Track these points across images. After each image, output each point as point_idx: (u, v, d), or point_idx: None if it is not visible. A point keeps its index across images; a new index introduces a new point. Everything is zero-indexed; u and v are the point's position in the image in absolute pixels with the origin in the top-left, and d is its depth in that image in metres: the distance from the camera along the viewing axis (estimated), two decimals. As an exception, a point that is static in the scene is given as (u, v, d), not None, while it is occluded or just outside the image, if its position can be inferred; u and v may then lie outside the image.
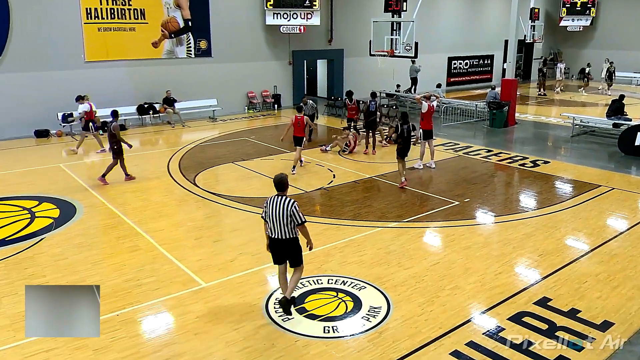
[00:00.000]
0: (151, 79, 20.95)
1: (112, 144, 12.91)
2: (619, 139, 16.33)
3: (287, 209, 6.65)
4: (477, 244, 9.33)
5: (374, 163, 15.03)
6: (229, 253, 8.95)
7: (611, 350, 6.31)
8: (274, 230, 6.76)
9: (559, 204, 11.48)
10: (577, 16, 36.33)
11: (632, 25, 34.53)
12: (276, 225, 6.72)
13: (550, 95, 29.33)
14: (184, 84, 21.68)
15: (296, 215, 6.67)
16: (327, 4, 25.56)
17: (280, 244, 6.82)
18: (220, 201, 11.68)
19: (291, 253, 6.92)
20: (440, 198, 11.89)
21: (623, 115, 18.37)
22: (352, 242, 9.43)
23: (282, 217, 6.67)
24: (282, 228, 6.71)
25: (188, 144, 17.30)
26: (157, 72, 21.11)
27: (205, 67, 22.37)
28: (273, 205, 6.72)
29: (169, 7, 21.07)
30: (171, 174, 13.78)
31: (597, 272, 8.25)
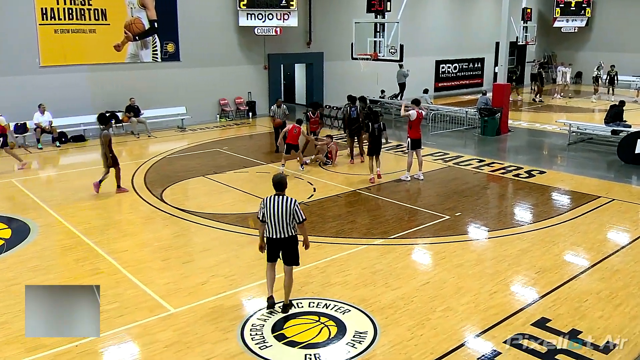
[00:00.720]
0: (113, 85, 20.78)
1: (104, 154, 13.07)
2: (618, 146, 16.62)
3: (289, 208, 7.29)
4: (470, 262, 9.38)
5: (358, 175, 15.06)
6: (199, 275, 8.87)
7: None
8: (276, 230, 7.36)
9: (557, 217, 11.61)
10: (571, 17, 37.08)
11: (630, 25, 35.31)
12: (279, 225, 7.33)
13: (546, 101, 29.82)
14: (150, 91, 21.57)
15: (298, 213, 7.35)
16: (305, 4, 25.73)
17: (280, 242, 7.44)
18: (189, 218, 11.58)
19: (290, 250, 7.54)
20: (430, 212, 11.95)
21: (622, 121, 18.71)
22: (335, 261, 9.41)
23: (284, 216, 7.29)
24: (283, 227, 7.33)
25: (154, 156, 17.17)
26: (120, 77, 20.96)
27: (173, 72, 22.29)
28: (273, 204, 7.32)
29: (133, 7, 21.00)
30: (136, 190, 13.65)
31: (598, 289, 8.33)
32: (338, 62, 26.48)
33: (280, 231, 7.36)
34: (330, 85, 27.15)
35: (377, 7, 18.79)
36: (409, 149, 14.42)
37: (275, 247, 7.53)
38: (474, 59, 35.38)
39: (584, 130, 19.53)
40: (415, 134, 14.34)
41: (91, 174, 15.20)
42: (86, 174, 15.12)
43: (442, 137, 20.20)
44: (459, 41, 33.78)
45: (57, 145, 18.77)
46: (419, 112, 14.41)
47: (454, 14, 33.30)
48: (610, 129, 18.12)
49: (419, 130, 14.45)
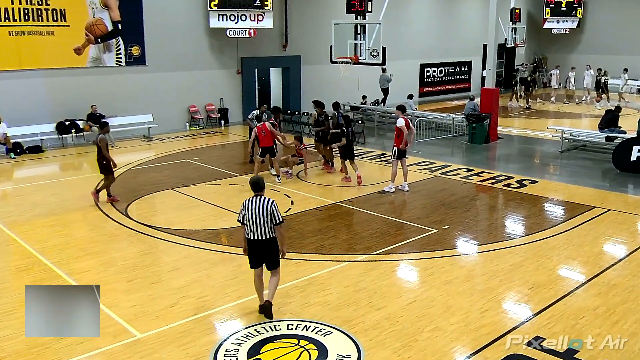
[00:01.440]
0: (73, 91, 20.61)
1: (99, 159, 13.28)
2: (613, 153, 16.87)
3: (267, 208, 7.74)
4: (459, 278, 9.42)
5: (339, 187, 15.08)
6: (168, 297, 8.78)
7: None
8: (254, 232, 7.79)
9: (550, 229, 11.73)
10: (562, 17, 37.70)
11: (623, 26, 35.98)
12: (256, 226, 7.76)
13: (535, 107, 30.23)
14: (113, 97, 21.42)
15: (275, 213, 7.78)
16: (280, 5, 25.83)
17: (261, 244, 7.86)
18: (157, 235, 11.48)
19: (270, 254, 7.96)
20: (416, 225, 12.00)
21: (617, 127, 19.00)
22: (315, 279, 9.38)
23: (262, 216, 7.73)
24: (262, 228, 7.76)
25: (118, 168, 16.98)
26: (81, 83, 20.79)
27: (139, 77, 22.18)
28: (252, 205, 7.77)
29: (95, 8, 20.88)
30: (98, 205, 13.50)
31: (595, 305, 8.42)
32: (316, 66, 26.60)
33: (260, 232, 7.79)
34: (308, 91, 27.20)
35: (358, 7, 18.92)
36: (395, 158, 14.48)
37: (256, 250, 7.92)
38: (461, 62, 35.78)
39: (577, 136, 19.82)
40: (405, 143, 14.33)
41: (49, 187, 15.05)
42: (44, 187, 14.94)
43: (427, 146, 20.34)
44: (445, 43, 34.15)
45: (12, 157, 18.52)
46: (406, 118, 14.45)
47: (439, 14, 33.69)
48: (604, 135, 18.39)
49: (402, 141, 14.39)
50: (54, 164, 18.25)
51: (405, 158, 14.67)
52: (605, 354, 7.14)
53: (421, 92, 33.51)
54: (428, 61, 33.67)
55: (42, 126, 19.76)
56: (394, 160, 14.49)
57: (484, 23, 24.24)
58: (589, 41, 37.84)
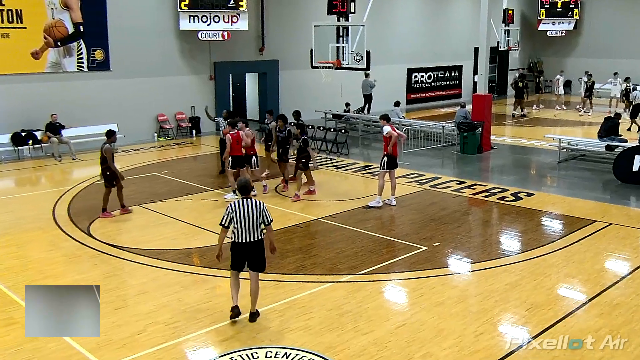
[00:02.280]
0: (31, 99, 20.46)
1: (103, 170, 13.58)
2: (614, 164, 17.05)
3: (259, 209, 8.40)
4: (452, 299, 9.43)
5: (321, 201, 15.08)
6: (135, 323, 8.69)
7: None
8: (244, 234, 8.36)
9: (548, 245, 11.80)
10: (558, 19, 38.20)
11: (624, 27, 36.56)
12: (247, 228, 8.35)
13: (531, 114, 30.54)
14: (75, 106, 21.28)
15: (267, 214, 8.50)
16: (257, 5, 25.92)
17: (248, 247, 8.42)
18: (123, 256, 11.38)
19: (258, 255, 8.53)
20: (404, 243, 12.01)
21: (617, 135, 19.21)
22: (296, 302, 9.34)
23: (253, 219, 8.35)
24: (253, 230, 8.38)
25: (80, 183, 16.88)
26: (39, 90, 20.65)
27: (102, 83, 22.08)
28: (243, 208, 8.33)
29: (54, 8, 20.79)
30: (58, 223, 13.37)
31: (597, 327, 8.47)
32: (295, 71, 26.67)
33: (251, 235, 8.39)
34: (287, 98, 27.23)
35: (340, 8, 18.98)
36: (384, 169, 14.44)
37: (242, 253, 8.48)
38: (451, 66, 36.11)
39: (575, 146, 20.02)
40: (395, 152, 14.39)
41: (4, 204, 14.89)
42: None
43: (416, 156, 20.44)
44: (434, 47, 34.45)
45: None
46: (393, 126, 14.46)
47: (427, 16, 34.00)
48: (604, 144, 18.59)
49: (395, 147, 14.46)
50: (9, 178, 18.04)
51: (394, 169, 14.71)
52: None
53: (408, 98, 33.73)
54: (416, 66, 33.93)
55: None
56: (382, 171, 14.51)
57: (475, 25, 24.50)
58: (587, 44, 38.36)
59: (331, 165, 19.09)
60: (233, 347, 7.81)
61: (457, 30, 35.22)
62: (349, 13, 18.93)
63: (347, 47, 18.77)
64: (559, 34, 38.55)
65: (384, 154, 14.41)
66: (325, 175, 18.06)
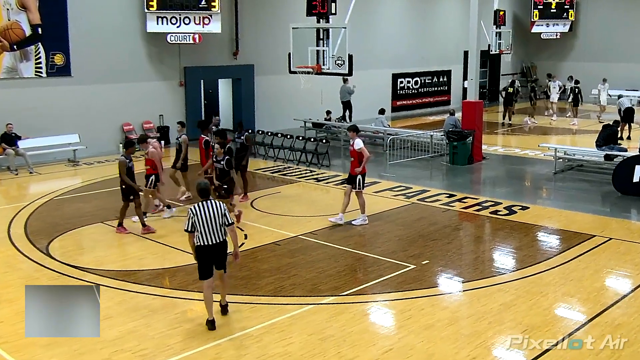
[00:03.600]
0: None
1: (120, 184, 13.74)
2: (613, 174, 17.18)
3: (220, 210, 9.06)
4: (442, 321, 9.44)
5: (300, 217, 15.06)
6: (99, 351, 8.62)
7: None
8: (209, 236, 8.99)
9: (544, 262, 11.86)
10: (552, 20, 38.61)
11: (621, 29, 37.12)
12: (210, 230, 8.98)
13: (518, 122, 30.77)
14: (32, 114, 21.13)
15: (228, 215, 9.15)
16: (230, 6, 25.96)
17: (214, 248, 9.07)
18: (85, 277, 11.27)
19: (222, 256, 9.25)
20: (390, 261, 12.02)
21: (616, 144, 19.40)
22: (274, 326, 9.31)
23: (216, 219, 9.00)
24: (216, 230, 9.02)
25: (38, 198, 16.75)
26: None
27: (63, 90, 21.97)
28: (204, 210, 8.99)
29: (10, 9, 20.68)
30: (13, 242, 13.25)
31: (599, 349, 8.52)
32: (272, 76, 26.73)
33: (215, 235, 9.03)
34: (263, 105, 27.28)
35: (320, 9, 19.03)
36: (361, 188, 14.16)
37: (209, 256, 9.10)
38: (439, 71, 36.35)
39: (572, 155, 20.19)
40: (365, 169, 14.24)
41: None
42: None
43: (402, 168, 20.50)
44: (421, 50, 34.67)
45: None
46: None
47: (413, 17, 34.24)
48: (603, 153, 18.76)
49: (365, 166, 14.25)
50: (-40, 194, 17.88)
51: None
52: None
53: (394, 105, 33.89)
54: (401, 70, 34.11)
55: (-55, 149, 19.41)
56: (360, 190, 14.15)
57: (464, 27, 24.73)
58: (583, 47, 38.79)
59: (311, 177, 19.09)
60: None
61: (446, 33, 35.50)
62: (330, 14, 18.98)
63: (328, 51, 18.81)
64: (554, 37, 38.94)
65: (358, 173, 13.97)
66: (305, 188, 18.06)
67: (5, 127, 20.17)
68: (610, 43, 37.28)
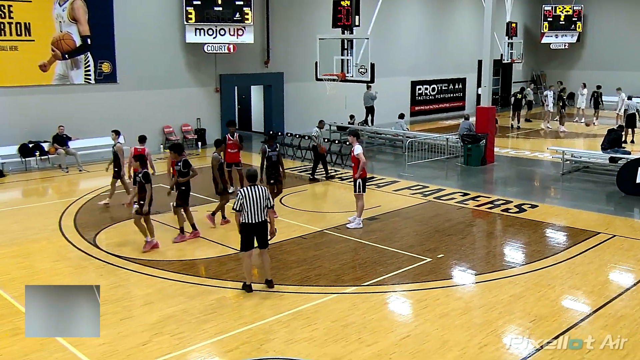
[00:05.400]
0: (38, 111, 20.55)
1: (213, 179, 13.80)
2: (617, 176, 17.02)
3: (264, 194, 9.85)
4: (456, 310, 9.41)
5: (325, 213, 15.07)
6: (140, 334, 8.68)
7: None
8: (254, 215, 9.78)
9: (552, 257, 11.77)
10: (561, 32, 38.30)
11: (627, 40, 36.65)
12: (255, 210, 9.77)
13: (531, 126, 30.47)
14: (82, 117, 21.37)
15: (270, 198, 10.01)
16: (262, 18, 26.01)
17: (258, 226, 9.86)
18: (128, 267, 11.38)
19: (264, 234, 9.98)
20: (408, 254, 11.99)
21: (620, 147, 19.20)
22: (300, 313, 9.33)
23: (260, 202, 9.77)
24: (260, 212, 9.80)
25: (86, 194, 16.92)
26: (46, 102, 20.75)
27: (109, 95, 22.17)
28: (252, 193, 9.77)
29: (62, 21, 20.91)
30: (64, 233, 13.40)
31: (602, 339, 8.43)
32: (300, 83, 26.74)
33: (258, 215, 9.80)
34: (292, 110, 27.32)
35: (344, 21, 19.04)
36: (361, 192, 13.77)
37: (252, 232, 9.86)
38: (454, 79, 36.13)
39: (578, 158, 20.01)
40: (365, 173, 13.88)
41: (11, 214, 14.91)
42: (5, 215, 14.78)
43: (420, 168, 20.43)
44: (438, 59, 34.50)
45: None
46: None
47: (431, 29, 34.06)
48: (607, 156, 18.57)
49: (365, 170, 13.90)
50: (16, 189, 18.09)
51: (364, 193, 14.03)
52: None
53: (412, 111, 33.75)
54: (420, 78, 33.96)
55: (3, 148, 19.64)
56: (360, 193, 13.79)
57: (478, 38, 24.54)
58: (590, 57, 38.45)
59: (335, 176, 19.08)
60: (238, 358, 7.80)
61: (461, 43, 35.29)
62: (354, 26, 18.98)
63: (352, 60, 18.84)
64: (562, 47, 38.67)
65: (358, 177, 13.62)
66: (330, 186, 18.06)
67: (57, 129, 20.42)
68: (615, 53, 36.90)
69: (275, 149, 14.80)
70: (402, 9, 31.87)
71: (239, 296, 9.95)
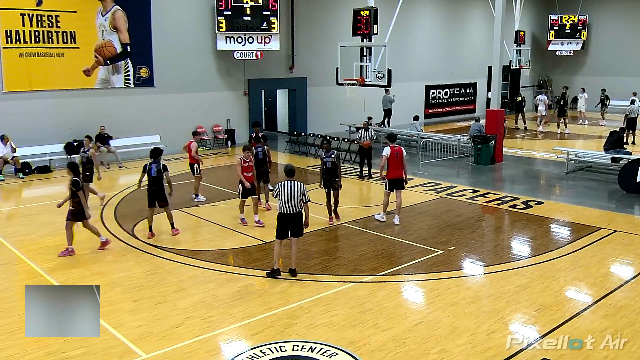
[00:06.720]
0: (82, 112, 20.76)
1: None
2: (619, 175, 16.84)
3: (300, 189, 10.08)
4: (465, 299, 9.36)
5: (344, 207, 15.05)
6: (174, 317, 8.75)
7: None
8: (288, 207, 9.99)
9: (556, 251, 11.67)
10: (566, 39, 37.92)
11: (629, 47, 36.12)
12: (290, 202, 9.98)
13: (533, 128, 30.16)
14: (122, 118, 21.55)
15: (306, 193, 10.18)
16: (287, 27, 26.04)
17: (291, 217, 10.04)
18: (163, 255, 11.47)
19: (298, 224, 10.17)
20: (421, 246, 11.95)
21: (622, 148, 18.98)
22: (321, 300, 9.34)
23: (295, 196, 10.00)
24: (294, 204, 10.02)
25: (125, 188, 17.05)
26: (90, 104, 20.95)
27: (147, 98, 22.34)
28: (286, 187, 10.01)
29: (104, 30, 21.11)
30: (105, 224, 13.52)
31: (603, 327, 8.34)
32: (322, 87, 26.73)
33: (292, 207, 10.01)
34: (314, 112, 27.34)
35: (364, 30, 19.04)
36: (386, 189, 13.61)
37: (286, 222, 10.05)
38: (466, 84, 35.88)
39: (582, 158, 19.79)
40: (392, 174, 13.30)
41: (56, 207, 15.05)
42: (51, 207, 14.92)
43: (433, 167, 20.33)
44: (450, 65, 34.28)
45: (20, 176, 18.61)
46: (394, 147, 13.23)
47: (444, 37, 33.85)
48: (610, 156, 18.37)
49: (399, 169, 13.28)
50: (62, 184, 18.25)
51: (401, 190, 13.56)
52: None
53: (427, 113, 33.58)
54: (433, 83, 33.79)
55: (50, 146, 19.88)
56: (387, 191, 13.59)
57: (488, 45, 24.37)
58: (594, 63, 38.01)
59: (354, 174, 19.05)
60: (263, 341, 7.83)
61: (472, 50, 35.04)
62: (372, 34, 18.98)
63: (370, 66, 18.85)
64: (568, 54, 38.28)
65: (385, 176, 13.41)
66: (349, 183, 18.03)
67: (99, 129, 20.63)
68: (618, 59, 36.45)
69: (331, 155, 13.65)
70: (418, 18, 31.75)
71: (265, 283, 9.99)
